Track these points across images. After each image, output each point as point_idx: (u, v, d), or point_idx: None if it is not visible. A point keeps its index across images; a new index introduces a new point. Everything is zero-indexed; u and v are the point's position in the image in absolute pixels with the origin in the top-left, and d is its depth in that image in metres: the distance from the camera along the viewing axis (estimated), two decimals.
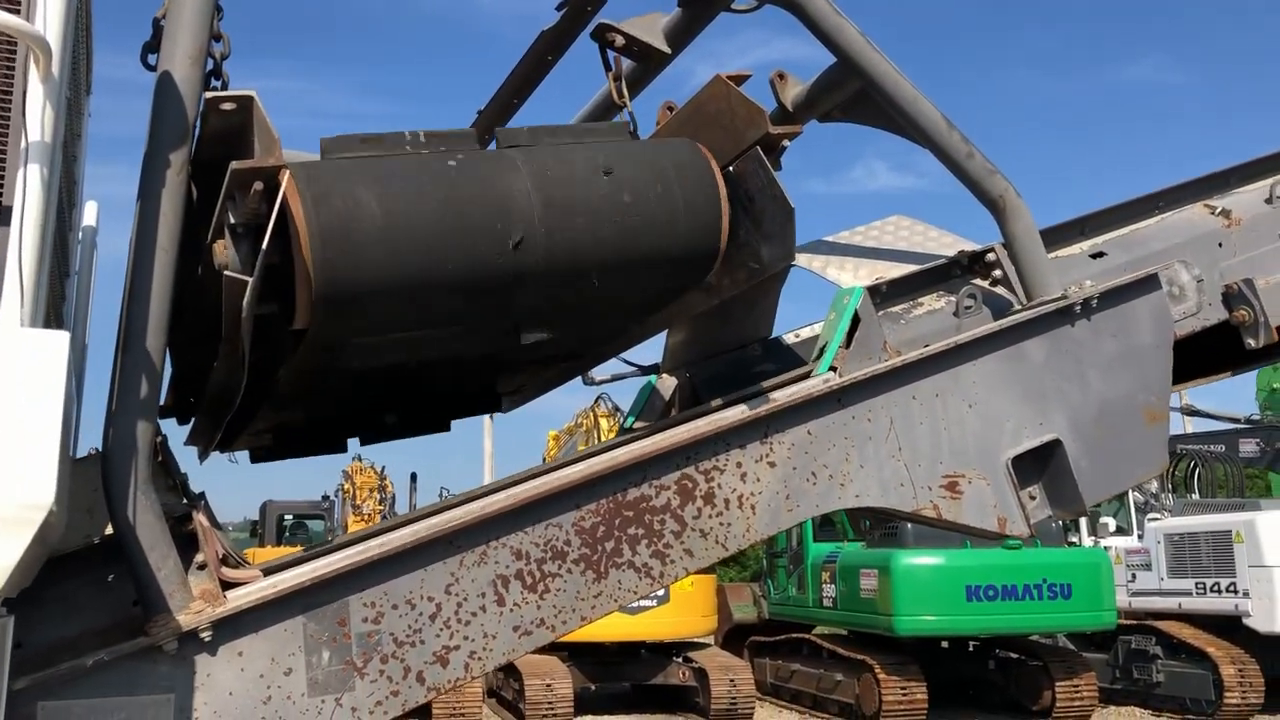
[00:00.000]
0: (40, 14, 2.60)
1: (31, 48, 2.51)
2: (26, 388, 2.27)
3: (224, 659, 3.13)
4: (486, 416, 24.50)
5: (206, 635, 3.08)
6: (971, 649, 16.96)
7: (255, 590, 3.19)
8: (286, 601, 3.21)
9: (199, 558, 3.26)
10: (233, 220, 3.03)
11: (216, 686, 3.11)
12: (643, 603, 15.13)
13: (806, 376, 4.07)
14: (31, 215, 2.53)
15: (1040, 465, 4.36)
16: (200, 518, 3.35)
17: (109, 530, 3.33)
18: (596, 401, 20.90)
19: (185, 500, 3.42)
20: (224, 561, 3.35)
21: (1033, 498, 4.38)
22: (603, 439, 19.26)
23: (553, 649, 14.96)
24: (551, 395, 5.10)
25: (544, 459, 22.15)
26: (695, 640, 17.14)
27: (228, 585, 3.23)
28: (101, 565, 3.33)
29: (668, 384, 5.20)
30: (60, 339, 2.36)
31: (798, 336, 5.17)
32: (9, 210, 2.57)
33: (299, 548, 3.69)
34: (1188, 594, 16.46)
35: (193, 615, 3.06)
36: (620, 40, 4.34)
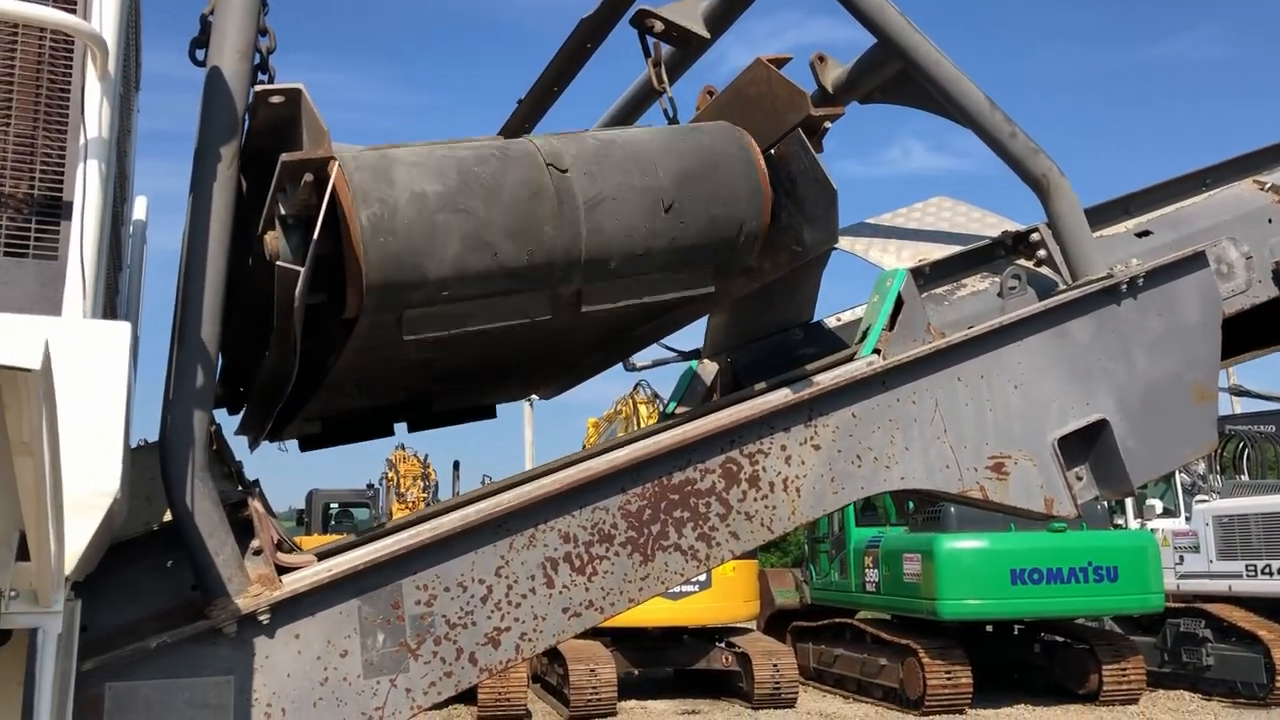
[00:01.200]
0: (96, 12, 2.66)
1: (89, 46, 2.57)
2: (91, 378, 2.34)
3: (282, 641, 3.19)
4: (526, 404, 24.66)
5: (264, 618, 3.15)
6: (1016, 633, 16.87)
7: (310, 574, 3.26)
8: (341, 585, 3.27)
9: (254, 543, 3.33)
10: (283, 211, 3.09)
11: (275, 668, 3.18)
12: (685, 588, 15.18)
13: (850, 359, 4.08)
14: (91, 210, 2.60)
15: (1087, 446, 4.34)
16: (255, 504, 3.42)
17: (167, 517, 3.42)
18: (635, 388, 20.93)
19: (240, 487, 3.50)
20: (278, 547, 3.42)
21: (1079, 478, 4.36)
22: (642, 425, 19.31)
23: (596, 634, 15.06)
24: (590, 382, 5.13)
25: (584, 446, 22.21)
26: (737, 625, 17.17)
27: (283, 570, 3.30)
28: (160, 551, 3.41)
29: (709, 369, 5.22)
30: (122, 329, 2.42)
31: (839, 320, 5.16)
32: (70, 205, 2.64)
33: (345, 535, 3.75)
34: (1238, 576, 16.25)
35: (251, 599, 3.13)
36: (659, 25, 4.35)
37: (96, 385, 2.35)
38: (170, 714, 3.04)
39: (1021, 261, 4.67)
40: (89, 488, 2.31)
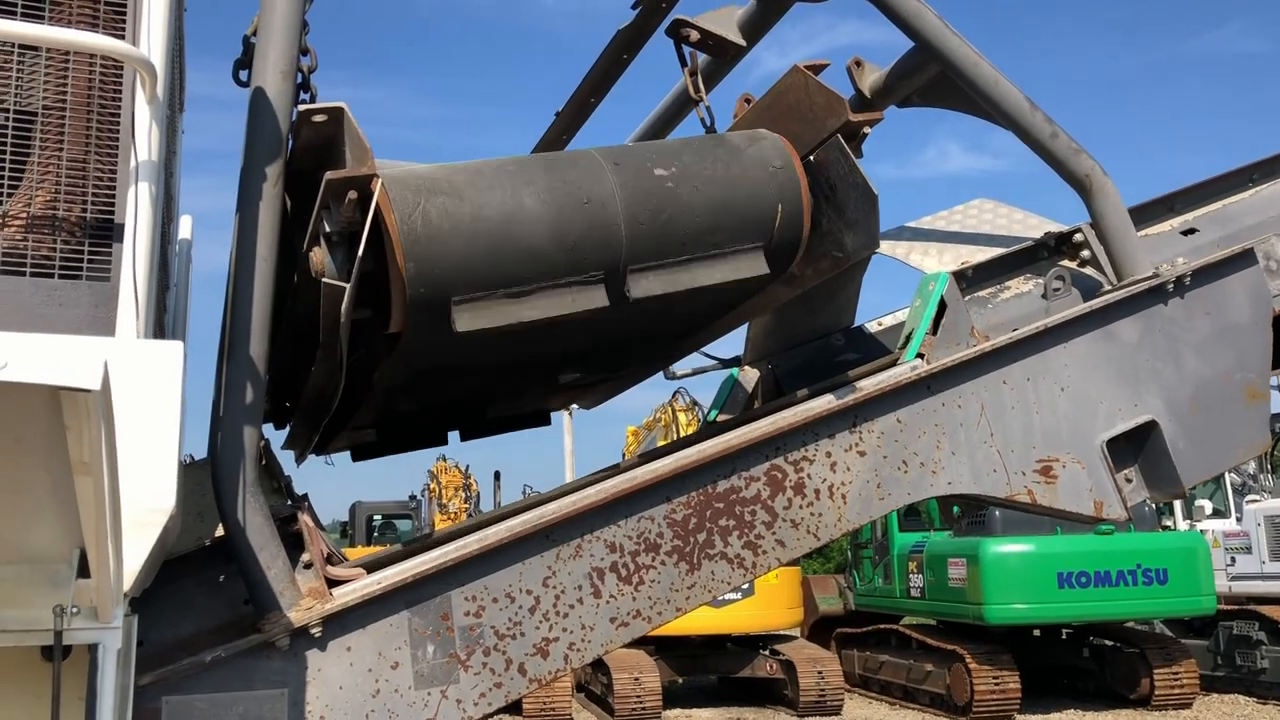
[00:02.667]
0: (145, 38, 2.71)
1: (138, 70, 2.61)
2: (146, 396, 2.38)
3: (334, 654, 3.22)
4: (566, 414, 24.71)
5: (317, 631, 3.18)
6: (1064, 637, 16.65)
7: (361, 587, 3.28)
8: (391, 597, 3.30)
9: (305, 557, 3.37)
10: (328, 229, 3.12)
11: (327, 681, 3.21)
12: (728, 596, 15.14)
13: (893, 364, 4.06)
14: (143, 231, 2.64)
15: (1136, 447, 4.29)
16: (305, 518, 3.45)
17: (218, 533, 3.46)
18: (674, 396, 20.94)
19: (290, 502, 3.54)
20: (328, 560, 3.45)
21: (1129, 480, 4.31)
22: (681, 433, 19.30)
23: (639, 643, 15.05)
24: (629, 391, 5.14)
25: (623, 455, 22.27)
26: (781, 633, 17.10)
27: (333, 583, 3.32)
28: (212, 566, 3.45)
29: (750, 376, 5.22)
30: (175, 348, 2.46)
31: (880, 325, 5.14)
32: (121, 228, 2.68)
33: (389, 546, 3.79)
34: None
35: (303, 612, 3.16)
36: (695, 35, 4.36)
37: (151, 404, 2.39)
38: None
39: (1065, 262, 4.63)
40: (146, 505, 2.34)
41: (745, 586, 15.48)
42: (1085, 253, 4.54)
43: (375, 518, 26.00)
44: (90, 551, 2.17)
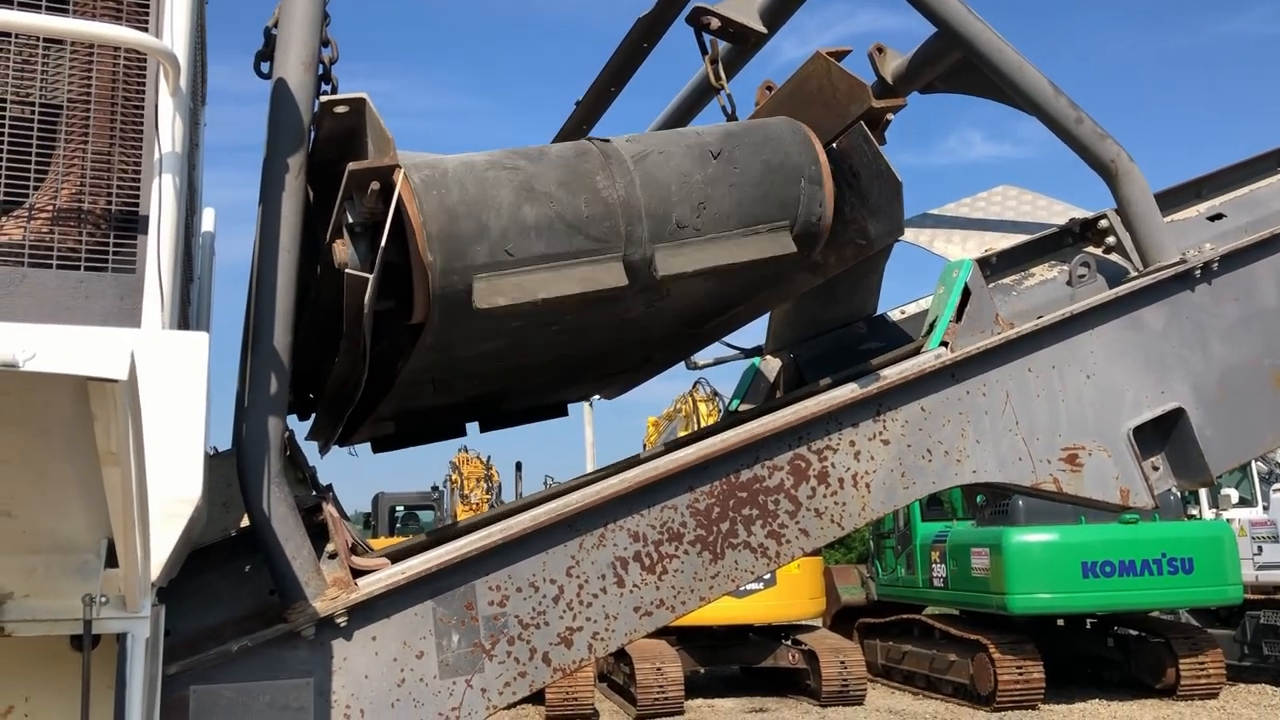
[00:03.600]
0: (168, 30, 2.72)
1: (162, 63, 2.62)
2: (172, 388, 2.39)
3: (359, 643, 3.24)
4: (586, 404, 24.75)
5: (342, 621, 3.19)
6: (1089, 626, 16.58)
7: (385, 577, 3.29)
8: (416, 587, 3.31)
9: (329, 547, 3.38)
10: (350, 220, 3.13)
11: (353, 670, 3.22)
12: (750, 586, 15.13)
13: (917, 353, 4.03)
14: (167, 223, 2.65)
15: (1163, 435, 4.26)
16: (329, 509, 3.46)
17: (243, 523, 3.48)
18: (694, 386, 20.95)
19: (314, 492, 3.55)
20: (352, 550, 3.46)
21: (1156, 468, 4.28)
22: (702, 424, 19.30)
23: (661, 633, 15.05)
24: (649, 382, 5.13)
25: (644, 445, 22.27)
26: (803, 623, 17.08)
27: (358, 573, 3.34)
28: (237, 557, 3.47)
29: (772, 365, 5.20)
30: (200, 340, 2.47)
31: (903, 313, 5.11)
32: (145, 219, 2.70)
33: (411, 537, 3.80)
34: None
35: (328, 602, 3.18)
36: (716, 23, 4.34)
37: (177, 395, 2.40)
38: (252, 716, 3.10)
39: (1090, 249, 4.59)
40: (172, 495, 2.35)
41: (767, 577, 15.47)
42: (1111, 239, 4.50)
43: (398, 508, 26.13)
44: (118, 541, 2.19)
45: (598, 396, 5.40)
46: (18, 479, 2.13)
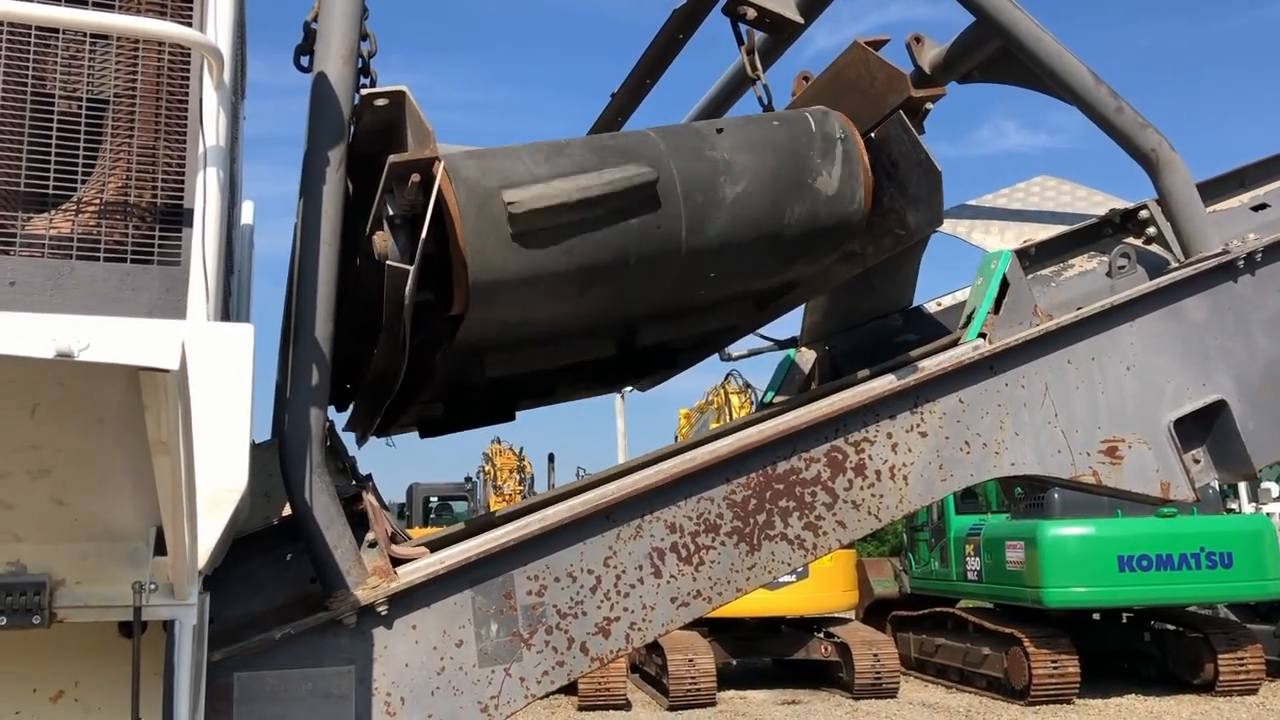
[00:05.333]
0: (211, 24, 2.75)
1: (206, 57, 2.65)
2: (218, 379, 2.42)
3: (399, 632, 3.27)
4: (618, 396, 24.75)
5: (383, 609, 3.22)
6: (1125, 621, 16.43)
7: (425, 566, 3.32)
8: (455, 576, 3.33)
9: (369, 536, 3.41)
10: (391, 212, 3.15)
11: (393, 658, 3.25)
12: (782, 578, 15.11)
13: (954, 345, 4.02)
14: (212, 216, 2.69)
15: (1204, 427, 4.22)
16: (370, 498, 3.50)
17: (285, 513, 3.52)
18: (726, 378, 20.93)
19: (355, 482, 3.58)
20: (392, 539, 3.50)
21: (1197, 461, 4.24)
22: (733, 416, 19.28)
23: (694, 625, 15.08)
24: (680, 375, 5.12)
25: (675, 437, 22.29)
26: (836, 615, 17.05)
27: (397, 562, 3.37)
28: (279, 546, 3.51)
29: (807, 357, 5.19)
30: (246, 331, 2.50)
31: (939, 305, 5.09)
32: (190, 212, 2.73)
33: (446, 528, 3.82)
34: None
35: (369, 590, 3.21)
36: (752, 13, 4.33)
37: (223, 386, 2.43)
38: (295, 703, 3.14)
39: (1130, 240, 4.54)
40: (219, 484, 2.39)
41: (799, 569, 15.43)
42: (1151, 229, 4.46)
43: (432, 499, 26.34)
44: (167, 529, 2.22)
45: (632, 388, 5.39)
46: (70, 468, 2.17)
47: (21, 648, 2.69)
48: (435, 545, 3.55)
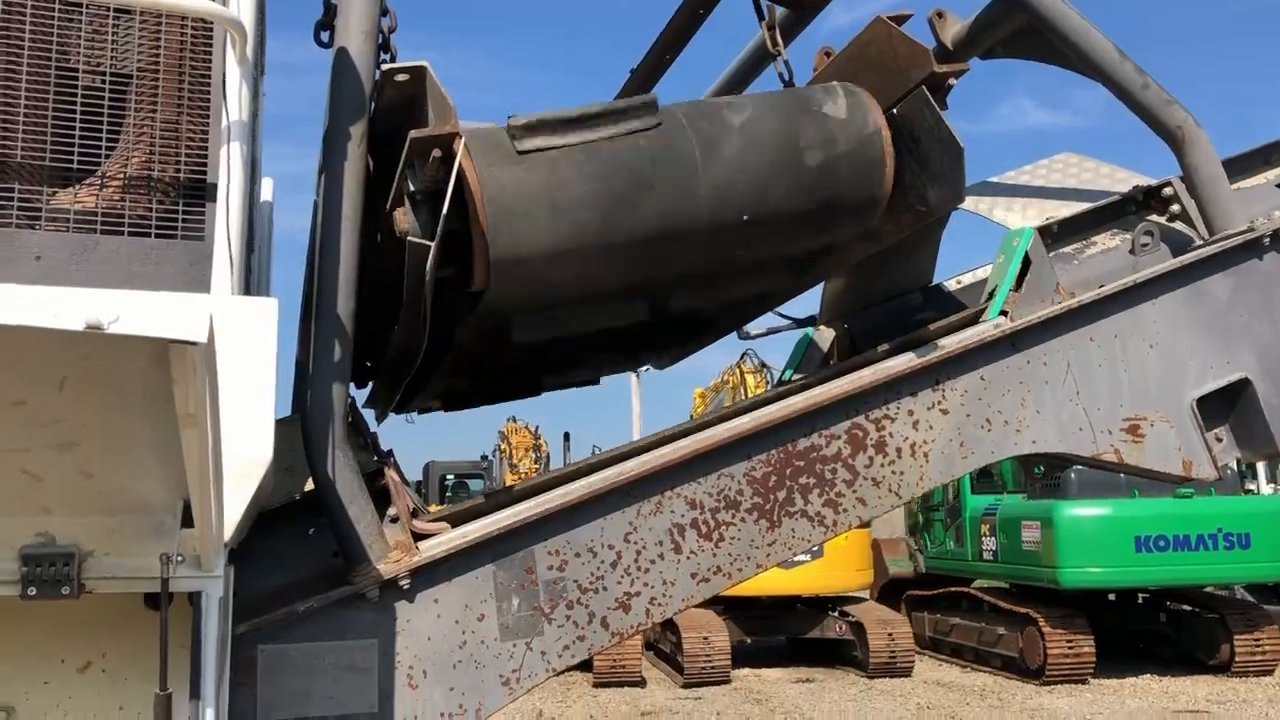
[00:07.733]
0: None
1: (229, 31, 2.65)
2: (243, 352, 2.43)
3: (421, 606, 3.29)
4: (634, 376, 24.76)
5: (405, 583, 3.24)
6: (1141, 601, 16.40)
7: (446, 540, 3.34)
8: (477, 551, 3.35)
9: (391, 511, 3.43)
10: (412, 188, 3.15)
11: (416, 632, 3.27)
12: (797, 557, 15.13)
13: (975, 322, 3.99)
14: (235, 191, 2.69)
15: (1227, 405, 4.19)
16: (391, 473, 3.51)
17: (306, 488, 3.54)
18: (742, 358, 20.92)
19: (376, 458, 3.60)
20: (413, 514, 3.51)
21: (1219, 440, 4.21)
22: (749, 395, 19.26)
23: (709, 603, 15.05)
24: (696, 354, 5.11)
25: (691, 417, 22.28)
26: (851, 594, 17.08)
27: (419, 537, 3.38)
28: (302, 520, 3.54)
29: (825, 335, 5.18)
30: (269, 305, 2.51)
31: (959, 283, 5.05)
32: (213, 187, 2.73)
33: (466, 502, 3.82)
34: None
35: (392, 564, 3.23)
36: None
37: (247, 359, 2.44)
38: (319, 676, 3.16)
39: (1154, 217, 4.50)
40: (244, 458, 2.40)
41: (814, 548, 15.45)
42: (1175, 207, 4.41)
43: (448, 477, 26.43)
44: (194, 502, 2.24)
45: (648, 366, 5.39)
46: (97, 441, 2.18)
47: (49, 620, 2.72)
48: (456, 520, 3.56)
